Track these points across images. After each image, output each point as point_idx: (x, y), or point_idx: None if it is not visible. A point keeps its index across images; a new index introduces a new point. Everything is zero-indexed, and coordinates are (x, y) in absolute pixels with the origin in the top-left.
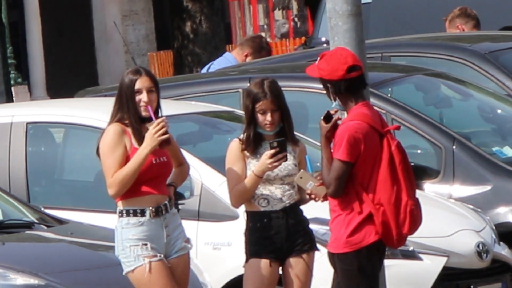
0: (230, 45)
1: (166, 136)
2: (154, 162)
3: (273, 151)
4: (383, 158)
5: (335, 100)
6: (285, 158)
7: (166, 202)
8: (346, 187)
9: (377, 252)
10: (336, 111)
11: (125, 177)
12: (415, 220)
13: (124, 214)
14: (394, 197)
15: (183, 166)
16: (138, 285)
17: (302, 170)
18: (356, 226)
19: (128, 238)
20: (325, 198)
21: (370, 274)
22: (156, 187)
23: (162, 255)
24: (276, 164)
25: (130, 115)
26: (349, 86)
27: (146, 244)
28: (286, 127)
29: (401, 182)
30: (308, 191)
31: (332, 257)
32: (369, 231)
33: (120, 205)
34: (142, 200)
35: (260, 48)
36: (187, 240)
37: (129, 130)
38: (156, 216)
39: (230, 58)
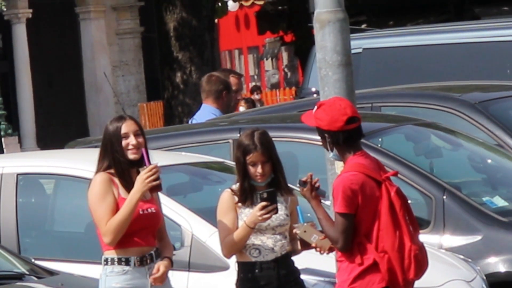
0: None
1: (157, 182)
2: (141, 212)
3: (264, 203)
4: (383, 205)
5: (332, 150)
6: (275, 211)
7: (152, 251)
8: None
9: None
10: (311, 175)
11: (119, 223)
12: (421, 264)
13: (109, 262)
14: (398, 243)
15: (165, 241)
16: None
17: (305, 224)
18: (358, 273)
19: (111, 286)
20: (330, 250)
21: None
22: (144, 238)
23: None
24: (266, 216)
25: (116, 161)
26: (347, 137)
27: None
28: (277, 178)
29: (403, 228)
30: (313, 244)
31: None
32: (373, 279)
33: (106, 254)
34: (128, 250)
35: (219, 85)
36: None
37: (115, 180)
38: (140, 265)
39: (207, 108)
